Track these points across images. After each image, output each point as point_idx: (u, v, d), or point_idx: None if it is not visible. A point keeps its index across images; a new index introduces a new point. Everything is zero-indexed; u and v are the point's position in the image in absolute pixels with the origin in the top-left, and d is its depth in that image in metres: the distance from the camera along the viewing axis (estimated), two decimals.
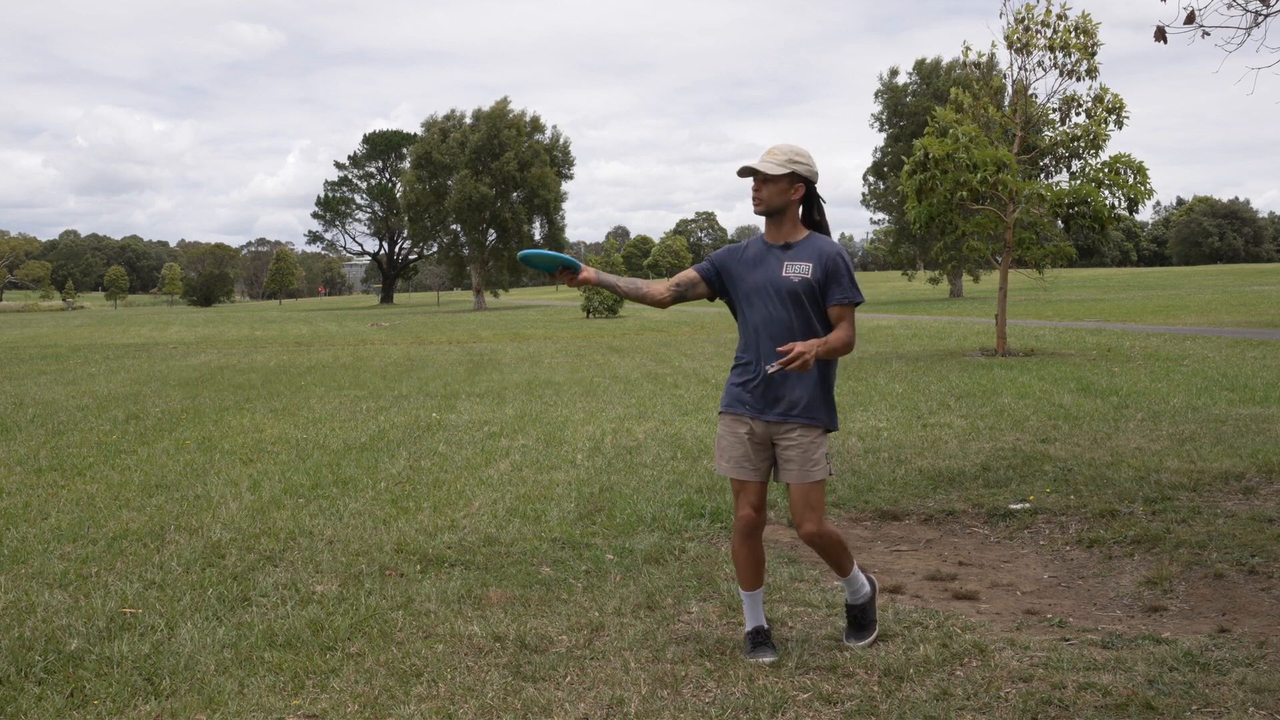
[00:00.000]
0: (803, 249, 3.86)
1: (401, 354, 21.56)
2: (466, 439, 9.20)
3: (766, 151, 3.88)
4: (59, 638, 4.12)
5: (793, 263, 3.83)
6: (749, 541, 3.92)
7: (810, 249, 3.85)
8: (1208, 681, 3.51)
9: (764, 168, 3.80)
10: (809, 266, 3.81)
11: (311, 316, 56.08)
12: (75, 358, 21.93)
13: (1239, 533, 5.37)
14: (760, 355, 3.83)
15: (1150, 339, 19.07)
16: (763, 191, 3.83)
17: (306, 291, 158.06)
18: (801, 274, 3.81)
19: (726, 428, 3.93)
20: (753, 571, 3.94)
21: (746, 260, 3.94)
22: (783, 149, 3.85)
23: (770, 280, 3.84)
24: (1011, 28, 16.17)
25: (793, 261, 3.83)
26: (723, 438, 3.95)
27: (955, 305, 42.82)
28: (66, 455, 8.64)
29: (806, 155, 3.85)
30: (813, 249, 3.85)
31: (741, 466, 3.89)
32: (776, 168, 3.80)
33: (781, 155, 3.83)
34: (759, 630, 3.93)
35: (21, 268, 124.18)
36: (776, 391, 3.82)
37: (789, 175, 3.82)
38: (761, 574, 3.96)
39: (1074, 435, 8.46)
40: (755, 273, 3.89)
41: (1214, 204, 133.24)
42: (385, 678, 3.70)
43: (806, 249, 3.86)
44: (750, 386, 3.86)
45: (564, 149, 65.42)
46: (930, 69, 53.94)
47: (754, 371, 3.85)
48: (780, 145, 3.88)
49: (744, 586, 3.96)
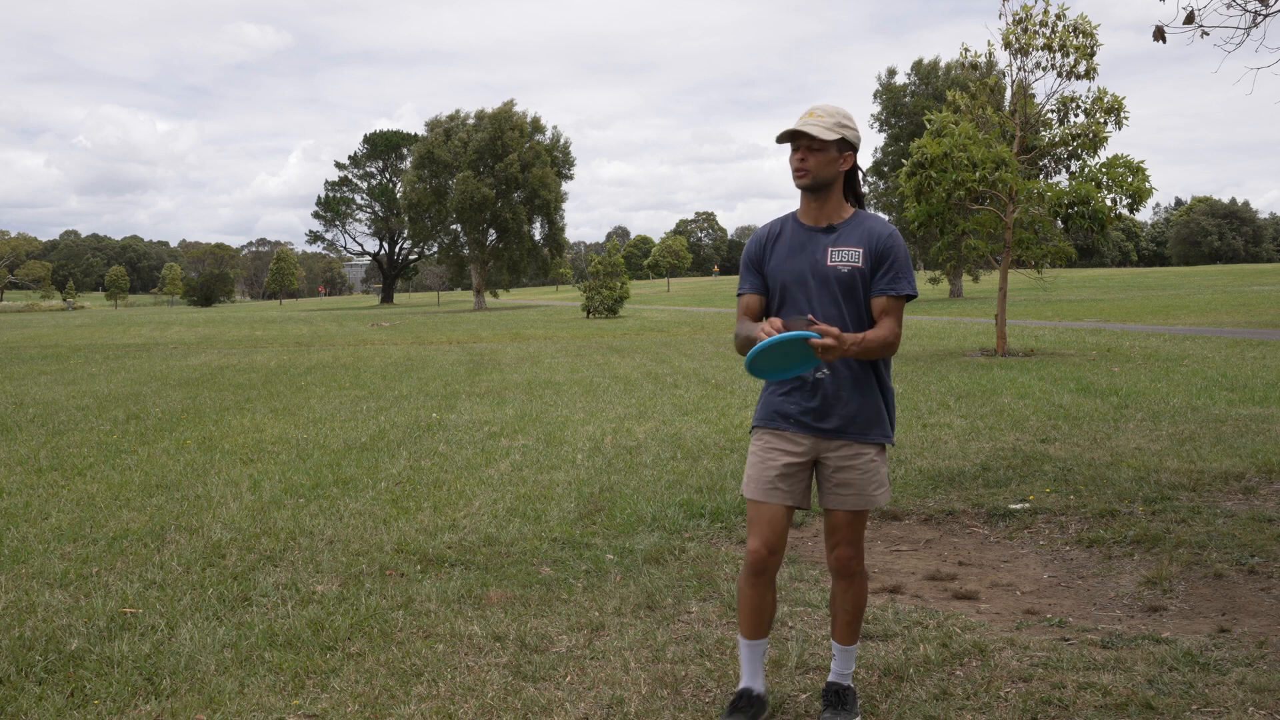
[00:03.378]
0: (850, 231, 3.24)
1: (402, 354, 21.56)
2: (467, 439, 9.20)
3: (808, 112, 3.23)
4: (59, 637, 4.13)
5: (839, 248, 3.22)
6: (759, 581, 3.29)
7: (859, 231, 3.24)
8: (1207, 681, 3.52)
9: (815, 131, 3.14)
10: (858, 252, 3.20)
11: (312, 316, 56.08)
12: (76, 358, 21.93)
13: (1239, 533, 5.37)
14: None
15: (1150, 339, 19.08)
16: (810, 161, 3.18)
17: (307, 291, 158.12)
18: (850, 261, 3.20)
19: (763, 445, 3.29)
20: (758, 618, 3.31)
21: (781, 247, 3.30)
22: (829, 110, 3.21)
23: (814, 269, 3.22)
24: (1010, 29, 16.18)
25: (839, 247, 3.22)
26: (756, 456, 3.30)
27: (955, 305, 42.81)
28: (67, 455, 8.64)
29: (853, 119, 3.24)
30: (862, 231, 3.24)
31: (775, 489, 3.24)
32: (827, 132, 3.15)
33: (829, 118, 3.18)
34: (748, 695, 3.30)
35: (22, 268, 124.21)
36: (831, 402, 3.22)
37: (838, 142, 3.19)
38: (769, 622, 3.34)
39: (1074, 435, 8.46)
40: (794, 261, 3.25)
41: (1214, 204, 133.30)
42: (385, 677, 3.71)
43: (854, 231, 3.24)
44: (796, 396, 3.25)
45: (564, 149, 65.44)
46: (928, 69, 53.99)
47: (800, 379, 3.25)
48: (824, 105, 3.25)
49: (745, 633, 3.33)
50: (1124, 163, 15.67)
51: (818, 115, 3.19)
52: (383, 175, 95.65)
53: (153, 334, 34.25)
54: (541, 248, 65.69)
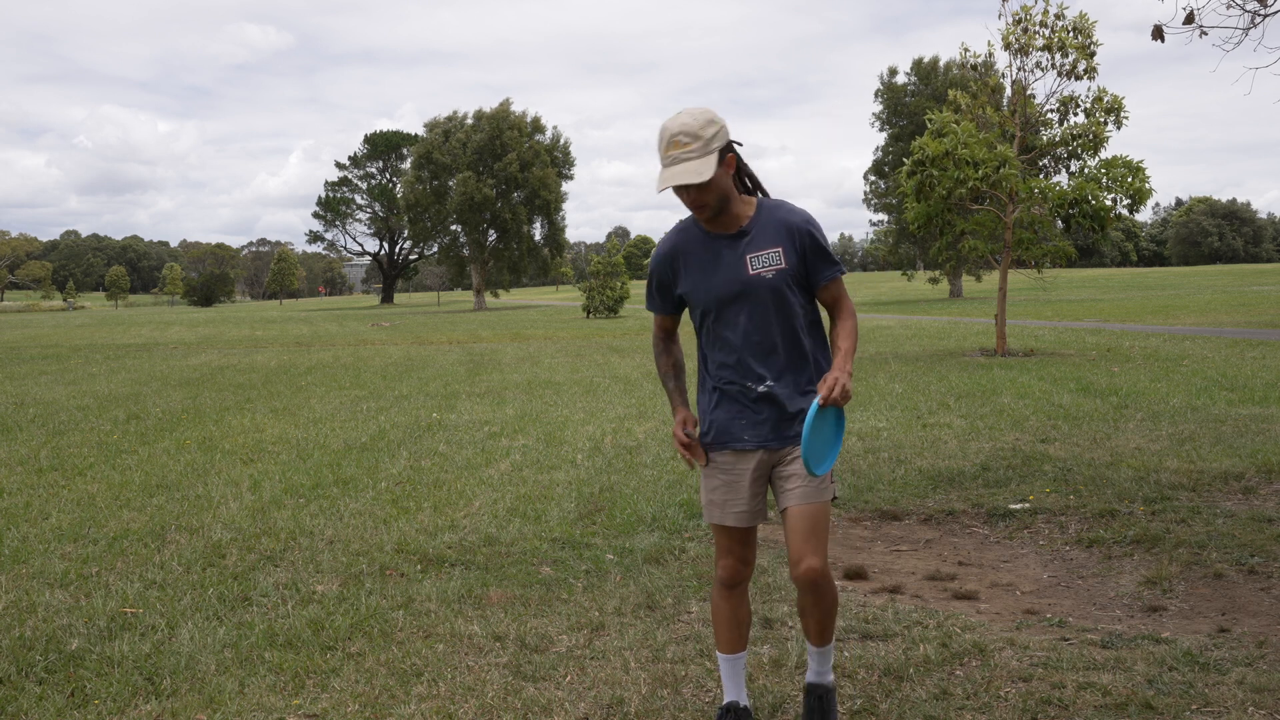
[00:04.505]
0: (761, 231, 3.01)
1: (402, 354, 21.56)
2: (467, 439, 9.20)
3: (671, 142, 2.88)
4: (60, 637, 4.13)
5: (757, 253, 2.99)
6: (732, 595, 3.18)
7: (770, 227, 3.01)
8: (1207, 681, 3.52)
9: (692, 175, 2.85)
10: (778, 252, 2.99)
11: (312, 316, 56.08)
12: (76, 358, 21.93)
13: (1239, 533, 5.37)
14: (746, 374, 3.03)
15: (1150, 339, 19.08)
16: (705, 195, 2.92)
17: (307, 292, 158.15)
18: (772, 264, 2.98)
19: (717, 468, 3.11)
20: (736, 632, 3.21)
21: (692, 264, 3.06)
22: (689, 127, 2.87)
23: (738, 283, 2.99)
24: (1009, 29, 16.18)
25: (756, 251, 2.99)
26: (712, 480, 3.12)
27: (955, 305, 42.81)
28: (67, 455, 8.64)
29: (712, 111, 2.94)
30: (773, 226, 3.01)
31: (739, 511, 3.09)
32: (704, 165, 2.86)
33: (696, 140, 2.87)
34: (734, 710, 3.20)
35: (22, 268, 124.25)
36: (779, 412, 3.03)
37: (719, 153, 2.90)
38: (746, 635, 3.24)
39: (1074, 435, 8.46)
40: (712, 278, 3.02)
41: (1213, 204, 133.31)
42: (385, 677, 3.71)
43: (765, 229, 3.01)
44: (743, 414, 3.06)
45: (564, 149, 65.45)
46: (928, 69, 54.01)
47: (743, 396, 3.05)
48: (682, 121, 2.89)
49: (722, 649, 3.23)
50: (1124, 163, 15.68)
51: (683, 144, 2.86)
52: (383, 175, 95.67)
53: (153, 334, 34.26)
54: (541, 248, 65.70)
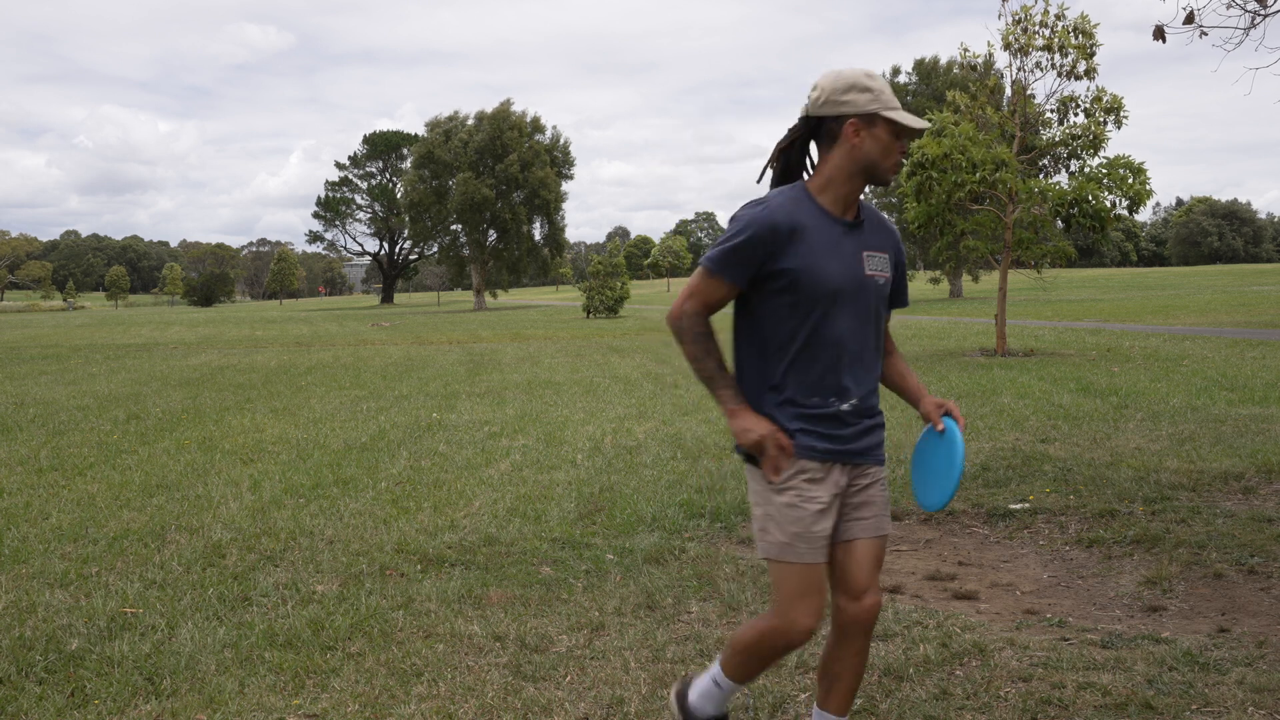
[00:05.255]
0: (873, 229, 2.65)
1: (402, 354, 21.56)
2: (467, 439, 9.20)
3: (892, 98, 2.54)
4: (60, 637, 4.13)
5: (872, 253, 2.62)
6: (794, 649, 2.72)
7: (878, 228, 2.67)
8: (1207, 681, 3.52)
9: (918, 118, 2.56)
10: (886, 259, 2.67)
11: (312, 316, 56.07)
12: (76, 358, 21.93)
13: (1238, 533, 5.37)
14: (843, 384, 2.60)
15: (1150, 339, 19.08)
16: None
17: (307, 291, 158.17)
18: (883, 270, 2.65)
19: (802, 492, 2.59)
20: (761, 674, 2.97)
21: (813, 241, 2.53)
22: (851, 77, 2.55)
23: (855, 279, 2.58)
24: (1009, 29, 16.18)
25: (871, 251, 2.63)
26: (797, 509, 2.59)
27: (955, 305, 42.81)
28: (67, 455, 8.64)
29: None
30: (882, 229, 2.68)
31: (824, 547, 2.62)
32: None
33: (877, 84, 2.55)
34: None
35: (22, 268, 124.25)
36: (865, 424, 2.67)
37: None
38: None
39: (1074, 435, 8.46)
40: (832, 264, 2.54)
41: (1213, 204, 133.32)
42: (385, 677, 3.71)
43: (876, 230, 2.66)
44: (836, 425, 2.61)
45: (564, 149, 65.45)
46: (929, 68, 54.02)
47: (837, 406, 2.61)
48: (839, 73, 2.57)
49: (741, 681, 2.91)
50: (1124, 163, 15.68)
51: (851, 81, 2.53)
52: (383, 175, 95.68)
53: (153, 334, 34.25)
54: (541, 248, 65.70)
